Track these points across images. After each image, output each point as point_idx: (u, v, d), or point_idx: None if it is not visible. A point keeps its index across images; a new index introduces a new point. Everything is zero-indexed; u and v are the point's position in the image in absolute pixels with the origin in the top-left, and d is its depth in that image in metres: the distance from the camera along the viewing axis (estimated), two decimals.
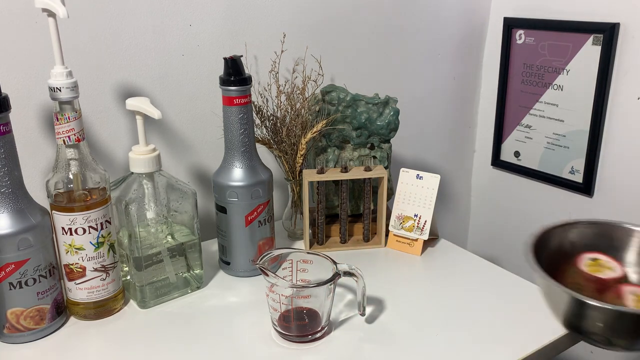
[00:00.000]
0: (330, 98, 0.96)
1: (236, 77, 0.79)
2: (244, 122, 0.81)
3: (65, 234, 0.71)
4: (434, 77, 1.29)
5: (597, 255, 0.66)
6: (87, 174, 0.71)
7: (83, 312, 0.75)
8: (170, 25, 0.91)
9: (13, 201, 0.67)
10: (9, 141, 0.66)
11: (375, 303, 0.78)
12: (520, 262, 1.31)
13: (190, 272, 0.83)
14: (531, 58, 1.23)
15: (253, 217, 0.83)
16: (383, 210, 0.95)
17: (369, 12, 1.12)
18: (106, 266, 0.74)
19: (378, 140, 1.00)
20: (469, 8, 1.28)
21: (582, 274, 0.63)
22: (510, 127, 1.32)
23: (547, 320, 0.74)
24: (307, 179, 0.91)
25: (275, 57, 0.96)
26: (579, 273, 0.64)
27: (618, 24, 1.07)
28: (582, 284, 0.62)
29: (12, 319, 0.69)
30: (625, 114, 1.10)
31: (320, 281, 0.68)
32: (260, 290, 0.80)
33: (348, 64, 1.13)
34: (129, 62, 0.89)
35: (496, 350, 0.69)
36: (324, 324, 0.71)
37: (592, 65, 1.11)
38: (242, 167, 0.82)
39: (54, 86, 0.67)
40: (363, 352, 0.69)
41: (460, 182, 1.44)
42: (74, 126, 0.69)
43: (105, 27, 0.86)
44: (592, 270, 0.64)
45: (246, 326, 0.74)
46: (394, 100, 0.98)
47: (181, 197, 0.79)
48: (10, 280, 0.68)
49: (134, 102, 0.73)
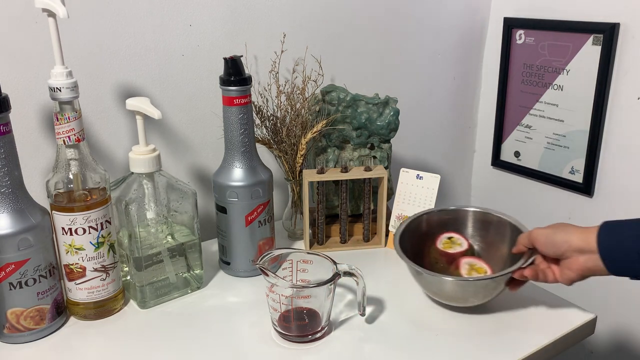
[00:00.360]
0: (330, 98, 0.96)
1: (236, 77, 0.79)
2: (244, 122, 0.81)
3: (65, 234, 0.71)
4: (434, 77, 1.29)
5: (452, 234, 0.80)
6: (87, 174, 0.71)
7: (83, 312, 0.75)
8: (170, 25, 0.91)
9: (13, 201, 0.67)
10: (9, 141, 0.66)
11: (375, 303, 0.78)
12: None
13: (190, 272, 0.83)
14: (531, 58, 1.23)
15: (253, 217, 0.83)
16: (383, 210, 0.95)
17: (369, 12, 1.12)
18: (106, 266, 0.74)
19: (378, 140, 1.00)
20: (469, 8, 1.28)
21: (438, 251, 0.77)
22: (510, 127, 1.32)
23: (547, 320, 0.75)
24: (307, 179, 0.91)
25: (275, 57, 0.96)
26: (435, 250, 0.77)
27: (618, 24, 1.07)
28: (437, 259, 0.76)
29: (12, 319, 0.69)
30: (625, 114, 1.10)
31: (320, 281, 0.68)
32: (260, 291, 0.80)
33: (348, 64, 1.13)
34: (129, 62, 0.89)
35: (496, 349, 0.69)
36: (324, 324, 0.71)
37: (592, 65, 1.11)
38: (242, 167, 0.82)
39: (54, 86, 0.67)
40: (363, 352, 0.69)
41: (460, 182, 1.44)
42: (74, 126, 0.69)
43: (105, 27, 0.86)
44: (445, 247, 0.77)
45: (246, 326, 0.74)
46: (394, 100, 0.98)
47: (181, 197, 0.79)
48: (10, 280, 0.68)
49: (134, 102, 0.73)
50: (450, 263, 0.78)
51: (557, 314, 0.76)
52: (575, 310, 0.77)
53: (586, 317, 0.75)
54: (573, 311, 0.77)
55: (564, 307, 0.78)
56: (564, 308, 0.78)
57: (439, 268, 0.79)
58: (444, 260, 0.79)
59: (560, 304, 0.78)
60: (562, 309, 0.77)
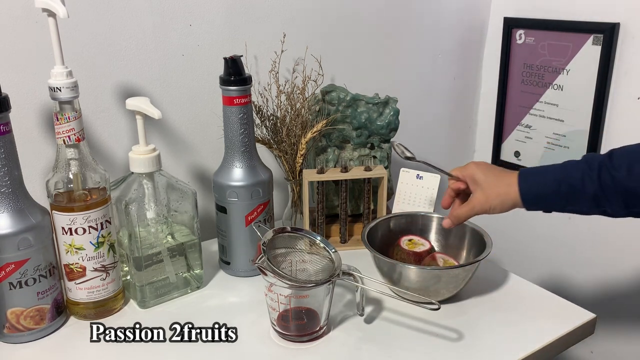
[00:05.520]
0: (330, 98, 0.96)
1: (236, 77, 0.79)
2: (244, 122, 0.81)
3: (65, 234, 0.71)
4: (434, 77, 1.29)
5: (411, 237, 0.85)
6: (87, 174, 0.72)
7: (83, 312, 0.75)
8: (170, 25, 0.91)
9: (13, 201, 0.67)
10: (9, 141, 0.66)
11: (374, 303, 0.78)
12: (519, 261, 1.32)
13: (190, 272, 0.83)
14: (531, 58, 1.23)
15: (253, 217, 0.83)
16: (383, 210, 0.95)
17: (369, 12, 1.12)
18: (106, 266, 0.74)
19: (378, 140, 1.00)
20: (469, 8, 1.28)
21: (404, 251, 0.82)
22: (510, 127, 1.32)
23: (547, 320, 0.74)
24: (307, 179, 0.91)
25: (275, 57, 0.96)
26: (402, 250, 0.83)
27: (618, 24, 1.07)
28: (405, 258, 0.82)
29: (12, 319, 0.69)
30: (625, 114, 1.10)
31: (319, 281, 0.68)
32: (260, 290, 0.80)
33: (348, 64, 1.13)
34: (129, 62, 0.89)
35: (496, 349, 0.69)
36: (323, 323, 0.71)
37: (592, 65, 1.11)
38: (242, 167, 0.82)
39: (54, 86, 0.68)
40: (361, 352, 0.69)
41: None
42: (74, 126, 0.69)
43: (105, 27, 0.86)
44: (410, 247, 0.83)
45: (246, 326, 0.74)
46: (394, 100, 0.98)
47: (181, 197, 0.79)
48: (10, 280, 0.68)
49: (134, 102, 0.73)
50: (418, 261, 0.81)
51: (557, 314, 0.76)
52: (575, 310, 0.77)
53: (586, 317, 0.75)
54: (573, 311, 0.77)
55: (564, 307, 0.78)
56: (564, 308, 0.78)
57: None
58: (411, 259, 0.81)
59: (560, 304, 0.78)
60: (562, 309, 0.77)
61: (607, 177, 0.64)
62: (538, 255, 1.31)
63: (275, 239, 0.72)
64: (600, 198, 0.66)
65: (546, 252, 1.30)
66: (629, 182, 0.63)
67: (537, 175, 0.71)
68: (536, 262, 1.31)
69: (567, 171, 0.68)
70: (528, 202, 0.71)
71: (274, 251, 0.71)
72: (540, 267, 1.31)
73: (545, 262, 1.30)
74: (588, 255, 1.22)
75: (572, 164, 0.69)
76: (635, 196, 0.63)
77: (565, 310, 0.77)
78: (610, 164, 0.65)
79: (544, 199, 0.70)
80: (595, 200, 0.66)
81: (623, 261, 1.16)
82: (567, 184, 0.67)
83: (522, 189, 0.70)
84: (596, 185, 0.65)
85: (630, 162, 0.63)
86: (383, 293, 0.72)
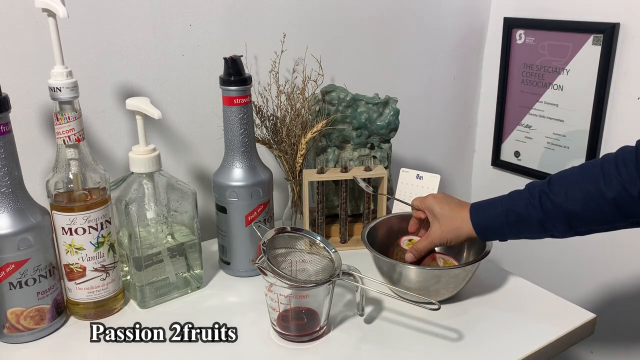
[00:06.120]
0: (330, 98, 0.96)
1: (236, 77, 0.79)
2: (244, 122, 0.81)
3: (65, 234, 0.71)
4: (434, 77, 1.29)
5: (412, 237, 0.85)
6: (87, 174, 0.72)
7: (83, 312, 0.75)
8: (170, 25, 0.91)
9: (13, 201, 0.67)
10: (9, 141, 0.66)
11: (374, 303, 0.78)
12: (519, 261, 1.31)
13: (190, 272, 0.83)
14: (531, 58, 1.23)
15: (253, 217, 0.83)
16: (383, 210, 0.95)
17: (369, 13, 1.12)
18: (106, 266, 0.74)
19: (378, 140, 1.00)
20: (469, 8, 1.28)
21: (404, 251, 0.82)
22: (510, 127, 1.32)
23: (547, 320, 0.75)
24: (307, 179, 0.91)
25: (275, 57, 0.96)
26: (402, 250, 0.83)
27: (618, 24, 1.07)
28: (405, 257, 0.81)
29: (12, 319, 0.69)
30: (625, 114, 1.10)
31: (319, 281, 0.68)
32: (260, 290, 0.80)
33: (348, 64, 1.13)
34: (129, 62, 0.89)
35: (496, 349, 0.69)
36: (323, 323, 0.71)
37: (592, 65, 1.11)
38: (242, 167, 0.82)
39: (54, 86, 0.68)
40: (361, 352, 0.69)
41: (460, 182, 1.44)
42: (74, 126, 0.69)
43: (105, 27, 0.86)
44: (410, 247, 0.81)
45: (246, 326, 0.74)
46: (394, 100, 0.98)
47: (181, 197, 0.79)
48: (10, 280, 0.68)
49: (134, 102, 0.73)
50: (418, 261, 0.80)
51: (557, 314, 0.76)
52: (575, 310, 0.77)
53: (586, 317, 0.75)
54: (573, 311, 0.77)
55: (564, 307, 0.78)
56: (564, 308, 0.78)
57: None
58: None
59: (560, 304, 0.78)
60: (562, 309, 0.77)
61: (548, 203, 0.68)
62: (538, 255, 1.31)
63: (275, 239, 0.72)
64: (545, 222, 0.69)
65: (546, 252, 1.30)
66: (567, 205, 0.67)
67: (486, 208, 0.74)
68: (536, 262, 1.31)
69: (512, 201, 0.72)
70: (482, 235, 0.75)
71: (274, 251, 0.71)
72: (540, 267, 1.31)
73: (545, 262, 1.30)
74: (588, 255, 1.22)
75: (516, 193, 0.73)
76: (576, 217, 0.67)
77: (565, 310, 0.77)
78: (549, 190, 0.69)
79: (496, 230, 0.74)
80: (541, 226, 0.70)
81: (623, 261, 1.16)
82: (514, 213, 0.71)
83: (474, 224, 0.74)
84: (539, 212, 0.69)
85: (567, 186, 0.68)
86: (383, 293, 0.73)
